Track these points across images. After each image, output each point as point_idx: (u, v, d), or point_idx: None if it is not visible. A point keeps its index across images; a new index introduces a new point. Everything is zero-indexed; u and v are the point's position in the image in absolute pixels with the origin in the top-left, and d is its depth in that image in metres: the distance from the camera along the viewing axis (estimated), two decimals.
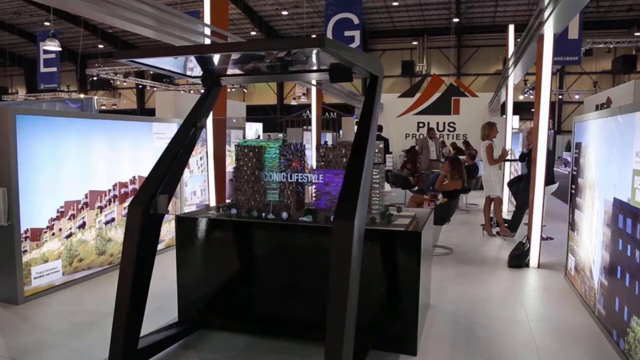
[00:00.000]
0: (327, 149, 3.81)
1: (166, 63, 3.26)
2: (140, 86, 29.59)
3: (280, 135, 25.95)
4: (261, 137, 20.69)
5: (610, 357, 3.36)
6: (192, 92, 28.01)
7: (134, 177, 5.58)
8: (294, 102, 28.41)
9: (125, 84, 28.94)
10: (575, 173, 4.96)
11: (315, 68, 3.24)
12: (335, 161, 3.78)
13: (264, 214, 3.79)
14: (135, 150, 5.61)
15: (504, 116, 10.71)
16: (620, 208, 3.55)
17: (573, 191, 4.99)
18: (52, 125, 4.54)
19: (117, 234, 5.33)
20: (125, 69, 26.02)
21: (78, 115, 5.45)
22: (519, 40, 7.01)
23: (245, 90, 27.77)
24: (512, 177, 9.45)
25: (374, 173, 3.83)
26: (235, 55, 2.92)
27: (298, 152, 3.92)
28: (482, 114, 14.99)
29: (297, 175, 3.76)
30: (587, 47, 18.57)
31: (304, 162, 3.96)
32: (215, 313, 3.82)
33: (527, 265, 5.50)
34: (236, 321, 3.73)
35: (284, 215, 3.74)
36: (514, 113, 16.35)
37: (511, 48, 9.26)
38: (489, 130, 7.15)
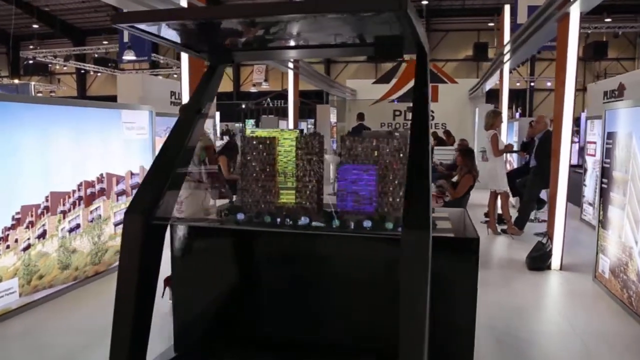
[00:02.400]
0: (354, 141, 3.37)
1: (169, 33, 2.72)
2: (82, 71, 28.02)
3: (238, 125, 25.23)
4: (218, 128, 19.92)
5: None
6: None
7: (101, 174, 4.95)
8: (253, 89, 27.64)
9: (65, 68, 27.30)
10: (607, 166, 4.73)
11: (355, 41, 2.80)
12: (365, 155, 3.35)
13: (278, 220, 3.31)
14: (102, 143, 4.97)
15: (495, 106, 10.57)
16: None
17: (605, 185, 4.76)
18: (4, 113, 3.88)
19: (83, 243, 4.70)
20: (66, 51, 24.49)
21: (37, 100, 4.73)
22: (523, 22, 6.78)
23: None
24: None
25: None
26: (262, 22, 2.44)
27: (318, 144, 3.47)
28: (462, 101, 14.89)
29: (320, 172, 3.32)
30: None
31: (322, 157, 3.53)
32: (223, 341, 3.31)
33: (548, 267, 5.26)
34: (249, 351, 3.24)
35: (305, 220, 3.28)
36: (488, 101, 16.48)
37: (507, 31, 9.07)
38: (494, 119, 6.88)
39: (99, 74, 27.40)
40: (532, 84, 25.47)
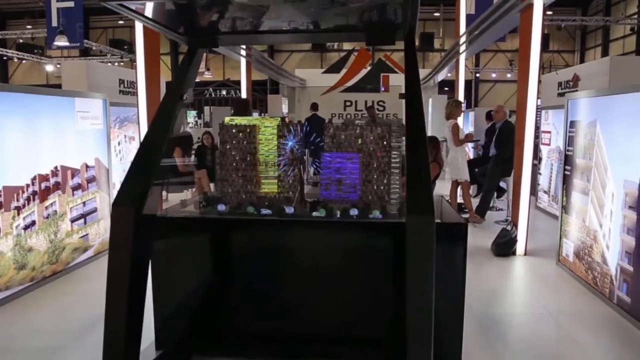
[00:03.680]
0: (337, 128, 3.45)
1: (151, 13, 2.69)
2: (4, 58, 26.43)
3: None
4: None
5: None
6: (58, 65, 25.47)
7: (56, 167, 4.76)
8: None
9: None
10: (570, 153, 5.04)
11: (348, 26, 2.87)
12: (348, 143, 3.43)
13: (262, 210, 3.33)
14: (56, 134, 4.78)
15: (449, 96, 10.90)
16: None
17: (568, 172, 5.08)
18: None
19: (39, 241, 4.51)
20: None
21: None
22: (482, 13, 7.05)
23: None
24: None
25: (393, 156, 3.54)
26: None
27: (299, 132, 3.52)
28: None
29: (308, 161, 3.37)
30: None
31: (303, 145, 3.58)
32: (210, 336, 3.30)
33: (513, 253, 5.55)
34: (238, 345, 3.25)
35: (289, 210, 3.32)
36: (440, 92, 16.98)
37: (463, 21, 9.38)
38: (454, 109, 7.15)
39: (24, 61, 25.96)
40: (477, 75, 26.42)
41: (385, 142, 3.37)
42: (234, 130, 3.45)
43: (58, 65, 24.92)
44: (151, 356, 3.12)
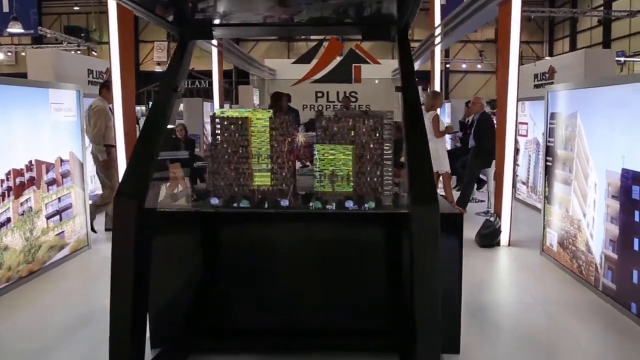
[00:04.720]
0: (330, 120, 3.53)
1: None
2: None
3: (139, 108, 24.22)
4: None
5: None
6: (9, 53, 24.73)
7: (30, 162, 4.68)
8: (158, 68, 26.62)
9: None
10: (551, 144, 5.26)
11: (344, 20, 2.94)
12: (341, 135, 3.52)
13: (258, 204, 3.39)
14: (29, 126, 4.71)
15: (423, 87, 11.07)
16: (634, 179, 3.83)
17: (550, 163, 5.30)
18: None
19: (15, 239, 4.44)
20: None
21: None
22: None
23: (95, 53, 25.30)
24: None
25: (385, 148, 3.65)
26: None
27: (292, 124, 3.59)
28: (386, 82, 15.43)
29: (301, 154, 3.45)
30: None
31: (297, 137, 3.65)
32: (207, 332, 3.34)
33: (497, 244, 5.76)
34: (237, 339, 3.31)
35: (284, 203, 3.39)
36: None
37: (437, 12, 9.56)
38: (434, 100, 7.31)
39: None
40: (447, 65, 26.85)
41: (377, 134, 3.47)
42: (225, 123, 3.49)
43: (9, 54, 24.17)
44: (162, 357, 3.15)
